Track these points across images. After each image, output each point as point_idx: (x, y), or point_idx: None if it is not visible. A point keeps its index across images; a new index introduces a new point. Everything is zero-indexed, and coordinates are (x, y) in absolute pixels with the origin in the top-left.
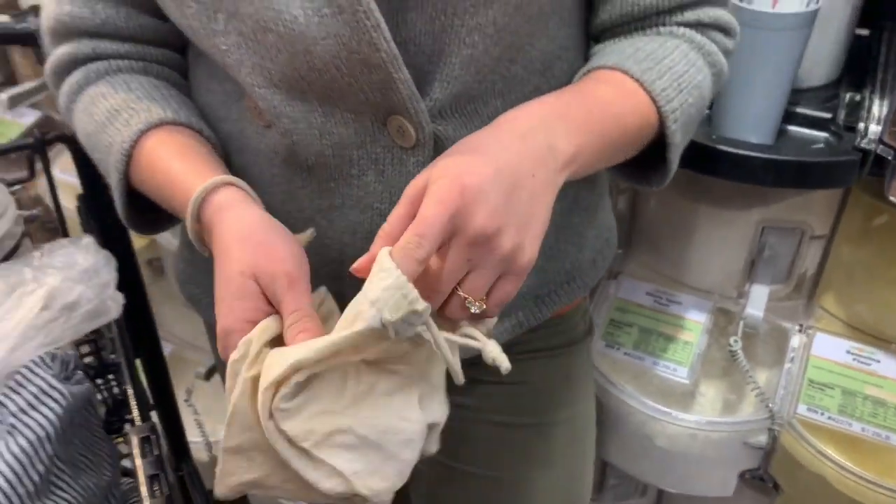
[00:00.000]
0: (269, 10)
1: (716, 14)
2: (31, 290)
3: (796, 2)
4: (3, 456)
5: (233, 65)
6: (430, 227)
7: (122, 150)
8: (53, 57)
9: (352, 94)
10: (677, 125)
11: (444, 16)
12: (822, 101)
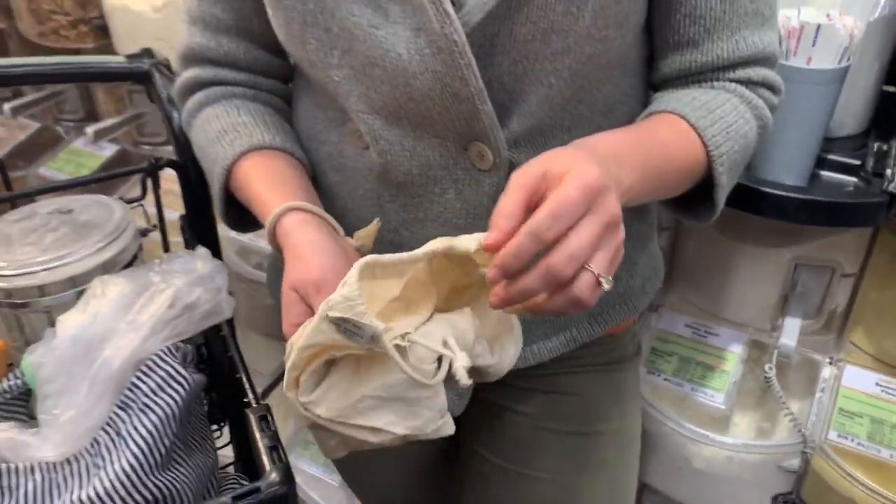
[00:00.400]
0: (378, 49)
1: (764, 73)
2: (162, 289)
3: (828, 60)
4: (138, 430)
5: (342, 94)
6: (569, 205)
7: (224, 166)
8: (181, 79)
9: (441, 121)
10: (724, 168)
11: (527, 60)
12: (852, 150)
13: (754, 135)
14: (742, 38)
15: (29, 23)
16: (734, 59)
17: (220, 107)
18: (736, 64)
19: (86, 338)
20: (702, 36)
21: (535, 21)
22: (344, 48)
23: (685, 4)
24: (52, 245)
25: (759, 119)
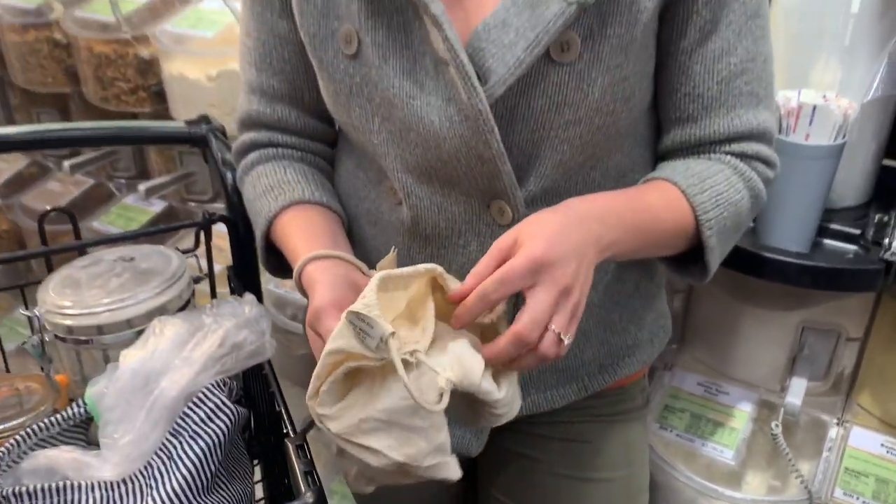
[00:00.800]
0: (414, 116)
1: (758, 148)
2: (213, 330)
3: (825, 137)
4: (188, 455)
5: (380, 154)
6: (513, 273)
7: (267, 218)
8: (239, 141)
9: (466, 180)
10: (712, 232)
11: (543, 129)
12: (853, 220)
13: (746, 204)
14: (737, 115)
15: (93, 88)
16: (729, 134)
17: (269, 165)
18: (731, 139)
19: (144, 371)
20: (700, 113)
21: (550, 95)
22: (384, 115)
23: (685, 84)
24: (116, 289)
25: (751, 190)
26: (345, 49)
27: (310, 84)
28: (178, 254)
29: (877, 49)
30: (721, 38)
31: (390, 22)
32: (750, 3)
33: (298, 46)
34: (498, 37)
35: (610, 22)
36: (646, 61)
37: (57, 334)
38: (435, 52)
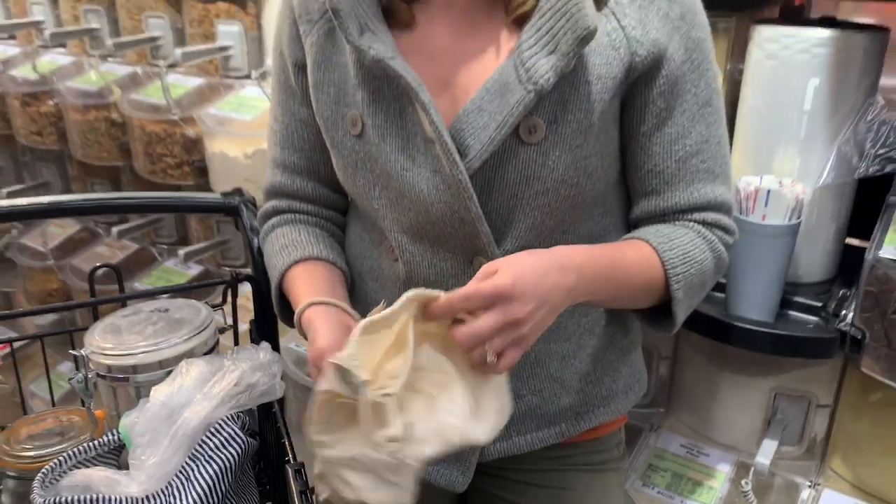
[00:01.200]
0: (407, 185)
1: (717, 217)
2: (231, 371)
3: (780, 217)
4: (203, 476)
5: (380, 217)
6: (476, 296)
7: (280, 271)
8: (263, 208)
9: (452, 239)
10: (680, 286)
11: (515, 197)
12: (817, 294)
13: (710, 264)
14: (696, 189)
15: (143, 163)
16: (690, 205)
17: (287, 228)
18: (692, 209)
19: (171, 404)
20: (662, 187)
21: (520, 170)
22: (383, 185)
23: (647, 163)
24: (151, 335)
25: (713, 251)
26: (351, 130)
27: (325, 160)
28: (206, 307)
29: (829, 141)
30: (676, 123)
31: (388, 108)
32: (701, 94)
33: (316, 129)
34: (475, 119)
35: (570, 109)
36: (606, 143)
37: (98, 372)
38: (424, 132)
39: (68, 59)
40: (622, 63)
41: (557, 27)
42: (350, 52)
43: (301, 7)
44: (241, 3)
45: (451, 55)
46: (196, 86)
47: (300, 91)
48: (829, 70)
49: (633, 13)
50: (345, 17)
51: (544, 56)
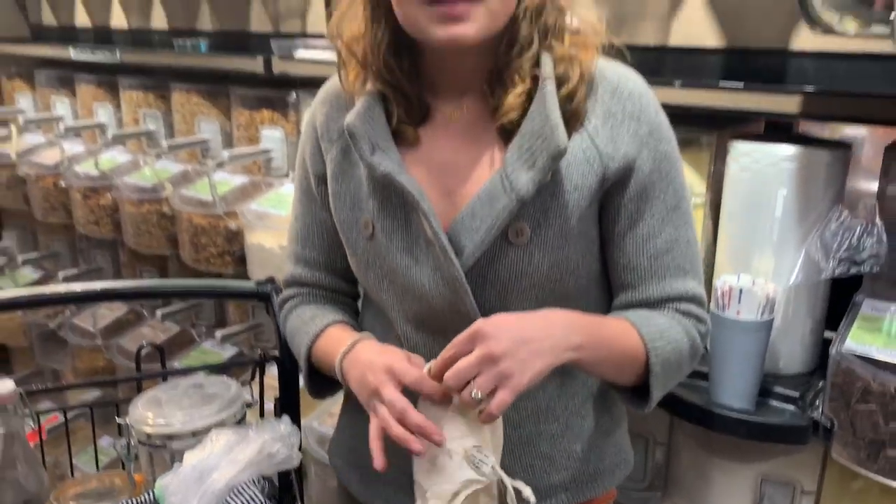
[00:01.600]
0: (410, 281)
1: (688, 307)
2: (254, 440)
3: (753, 313)
4: None
5: (388, 309)
6: (458, 340)
7: (309, 339)
8: (283, 294)
9: (451, 329)
10: (657, 360)
11: (506, 291)
12: (796, 385)
13: (686, 346)
14: (668, 284)
15: (189, 252)
16: (663, 297)
17: (310, 305)
18: (665, 300)
19: (201, 467)
20: (637, 282)
21: (509, 267)
22: (390, 280)
23: (622, 259)
24: (187, 407)
25: (688, 335)
26: (364, 232)
27: (340, 256)
28: (236, 384)
29: (800, 244)
30: (647, 224)
31: (395, 214)
32: (669, 200)
33: (333, 229)
34: (469, 223)
35: (551, 215)
36: (587, 244)
37: (140, 440)
38: (426, 234)
39: (126, 156)
40: (596, 175)
41: (535, 146)
42: (363, 166)
43: (323, 128)
44: (282, 111)
45: (451, 167)
46: (240, 183)
47: (319, 198)
48: (796, 182)
49: (605, 133)
50: (359, 139)
51: (525, 171)
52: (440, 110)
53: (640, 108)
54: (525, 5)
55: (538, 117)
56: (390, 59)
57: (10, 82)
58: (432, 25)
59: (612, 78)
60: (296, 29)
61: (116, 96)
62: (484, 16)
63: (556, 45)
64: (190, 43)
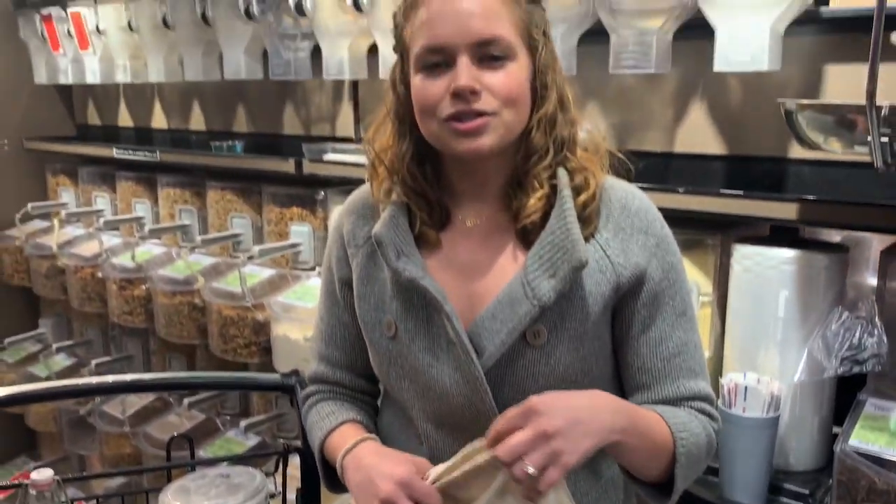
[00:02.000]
0: (432, 380)
1: (701, 406)
2: None
3: (758, 410)
4: None
5: (409, 406)
6: (511, 415)
7: (323, 434)
8: (307, 390)
9: (469, 427)
10: (683, 450)
11: (523, 392)
12: (806, 481)
13: (704, 440)
14: (681, 384)
15: (217, 342)
16: (677, 397)
17: (328, 402)
18: (680, 400)
19: None
20: (651, 383)
21: (527, 367)
22: (411, 378)
23: (636, 361)
24: (213, 496)
25: (704, 429)
26: (387, 332)
27: (361, 356)
28: (261, 474)
29: (803, 343)
30: (659, 329)
31: (418, 315)
32: (677, 306)
33: (355, 331)
34: (489, 325)
35: (568, 319)
36: (600, 346)
37: None
38: (447, 335)
39: (161, 249)
40: (609, 283)
41: (556, 258)
42: (388, 270)
43: (350, 235)
44: (311, 208)
45: (471, 269)
46: (268, 276)
47: (342, 301)
48: (797, 284)
49: (616, 245)
50: (385, 245)
51: (546, 279)
52: (460, 215)
53: (647, 223)
54: (539, 117)
55: (559, 230)
56: (414, 168)
57: (55, 178)
58: (453, 140)
59: (621, 195)
60: (325, 132)
61: (154, 192)
62: (498, 128)
63: (570, 157)
64: (226, 145)
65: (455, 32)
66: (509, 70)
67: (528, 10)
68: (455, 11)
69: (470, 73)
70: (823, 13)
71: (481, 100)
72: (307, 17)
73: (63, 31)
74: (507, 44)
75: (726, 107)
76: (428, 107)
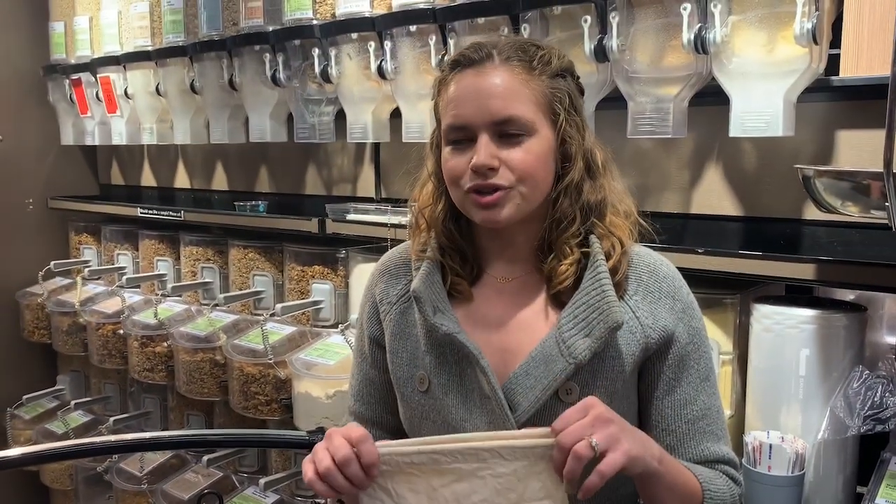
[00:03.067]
0: (454, 420)
1: (726, 469)
2: None
3: (783, 469)
4: None
5: None
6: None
7: None
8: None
9: None
10: (712, 501)
11: None
12: None
13: (729, 499)
14: (705, 447)
15: (238, 399)
16: (701, 460)
17: None
18: (703, 463)
19: None
20: (676, 444)
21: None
22: (443, 432)
23: (661, 423)
24: None
25: (729, 489)
26: (419, 387)
27: (386, 412)
28: None
29: (825, 401)
30: (683, 391)
31: (451, 370)
32: (702, 370)
33: (381, 388)
34: (524, 382)
35: (599, 377)
36: (627, 406)
37: None
38: (481, 389)
39: (183, 306)
40: (639, 344)
41: (591, 318)
42: (421, 325)
43: (383, 294)
44: (332, 266)
45: (503, 326)
46: (289, 333)
47: (370, 358)
48: (817, 343)
49: (645, 307)
50: (424, 302)
51: (581, 338)
52: (492, 274)
53: (675, 289)
54: (564, 185)
55: (594, 291)
56: (450, 225)
57: (77, 236)
58: (473, 210)
59: (650, 261)
60: (346, 192)
61: (177, 251)
62: (515, 200)
63: (598, 223)
64: (250, 205)
65: (476, 113)
66: (528, 146)
67: (552, 84)
68: (476, 93)
69: (488, 150)
70: (834, 81)
71: (499, 174)
72: (332, 84)
73: (91, 95)
74: (524, 122)
75: (741, 170)
76: (453, 178)
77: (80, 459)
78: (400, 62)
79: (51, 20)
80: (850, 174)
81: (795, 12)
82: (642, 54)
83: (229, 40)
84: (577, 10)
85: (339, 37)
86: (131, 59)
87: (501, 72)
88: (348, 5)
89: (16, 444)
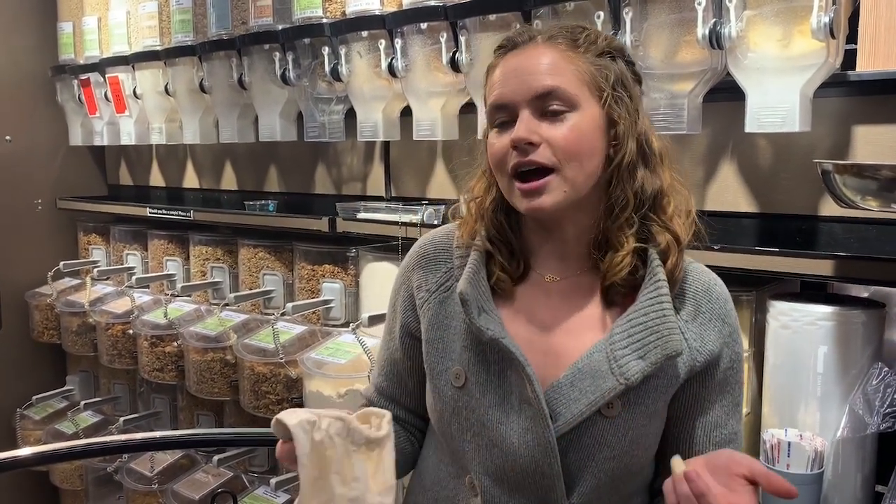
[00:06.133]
0: (499, 437)
1: None
2: None
3: (802, 467)
4: None
5: (467, 459)
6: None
7: None
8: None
9: (530, 487)
10: None
11: (588, 459)
12: None
13: None
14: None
15: (248, 398)
16: None
17: None
18: None
19: None
20: None
21: (597, 437)
22: (475, 432)
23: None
24: None
25: None
26: (454, 382)
27: (409, 392)
28: None
29: (844, 398)
30: (716, 415)
31: (490, 369)
32: (736, 396)
33: (407, 369)
34: (567, 393)
35: (643, 396)
36: (659, 424)
37: None
38: (520, 393)
39: (192, 306)
40: (685, 366)
41: (648, 340)
42: (462, 319)
43: (421, 280)
44: (342, 265)
45: (548, 327)
46: (300, 332)
47: (399, 342)
48: (835, 339)
49: (694, 328)
50: (470, 304)
51: (635, 359)
52: (539, 270)
53: (726, 312)
54: (615, 164)
55: (652, 312)
56: (500, 216)
57: (86, 236)
58: (516, 198)
59: (705, 278)
60: (356, 191)
61: (186, 250)
62: (562, 186)
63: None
64: (259, 204)
65: (516, 89)
66: (571, 122)
67: (597, 62)
68: (517, 70)
69: (528, 125)
70: (850, 76)
71: (539, 152)
72: (342, 82)
73: (100, 95)
74: (566, 95)
75: (756, 166)
76: (497, 160)
77: (90, 459)
78: (410, 60)
79: (59, 20)
80: (871, 168)
81: (812, 6)
82: (656, 50)
83: (238, 39)
84: (589, 6)
85: (349, 35)
86: (140, 59)
87: (544, 48)
88: (358, 3)
89: (25, 445)
